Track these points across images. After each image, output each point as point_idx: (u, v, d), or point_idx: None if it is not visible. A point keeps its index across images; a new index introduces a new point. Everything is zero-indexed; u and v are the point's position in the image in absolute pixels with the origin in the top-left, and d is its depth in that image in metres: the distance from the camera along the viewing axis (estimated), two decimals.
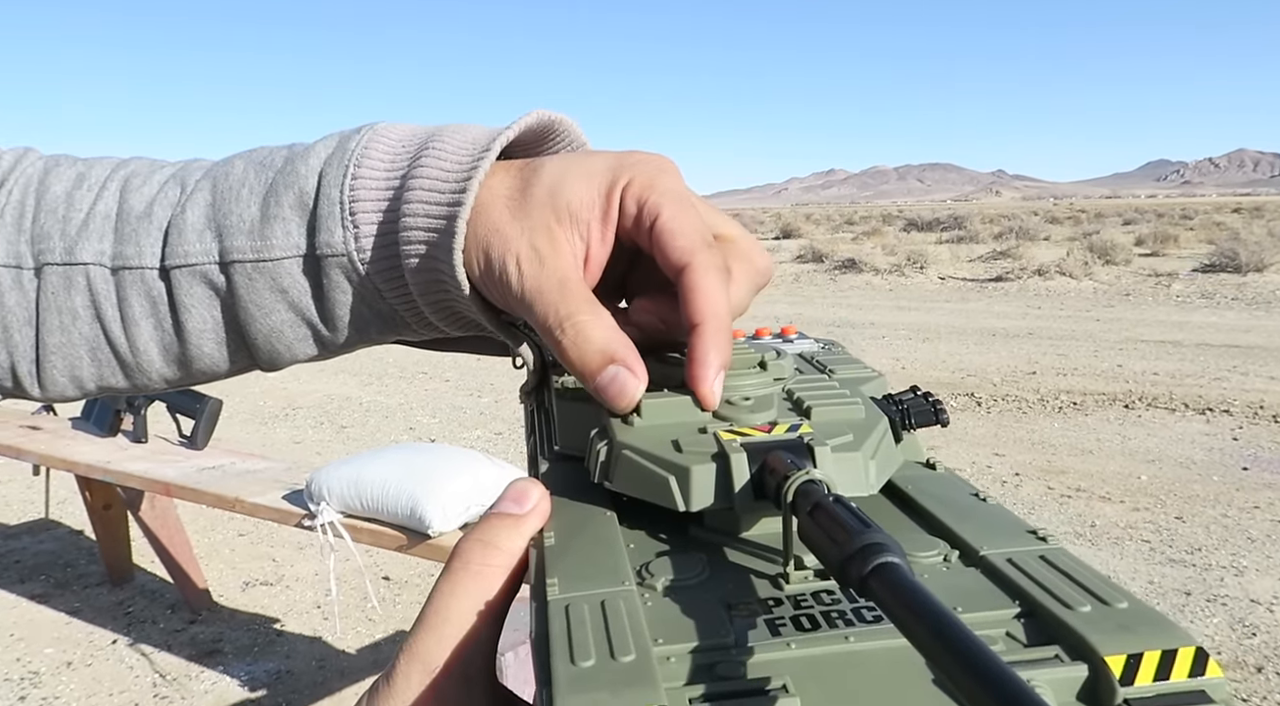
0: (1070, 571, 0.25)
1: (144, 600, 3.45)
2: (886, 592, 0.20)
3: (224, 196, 0.40)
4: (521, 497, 0.30)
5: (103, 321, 0.42)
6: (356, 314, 0.41)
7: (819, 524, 0.23)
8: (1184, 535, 3.83)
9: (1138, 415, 5.80)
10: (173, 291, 0.41)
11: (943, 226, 25.94)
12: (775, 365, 0.36)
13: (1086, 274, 13.33)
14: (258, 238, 0.40)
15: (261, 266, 0.40)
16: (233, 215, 0.40)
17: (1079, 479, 4.59)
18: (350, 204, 0.39)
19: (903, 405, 0.35)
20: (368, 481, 1.96)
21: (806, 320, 10.30)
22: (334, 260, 0.39)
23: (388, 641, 3.10)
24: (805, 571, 0.27)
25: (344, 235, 0.39)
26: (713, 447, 0.29)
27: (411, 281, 0.39)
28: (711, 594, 0.27)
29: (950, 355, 8.01)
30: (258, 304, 0.41)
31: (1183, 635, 0.22)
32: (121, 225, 0.42)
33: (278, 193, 0.40)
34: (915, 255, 15.35)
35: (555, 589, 0.26)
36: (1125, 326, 9.35)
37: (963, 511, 0.30)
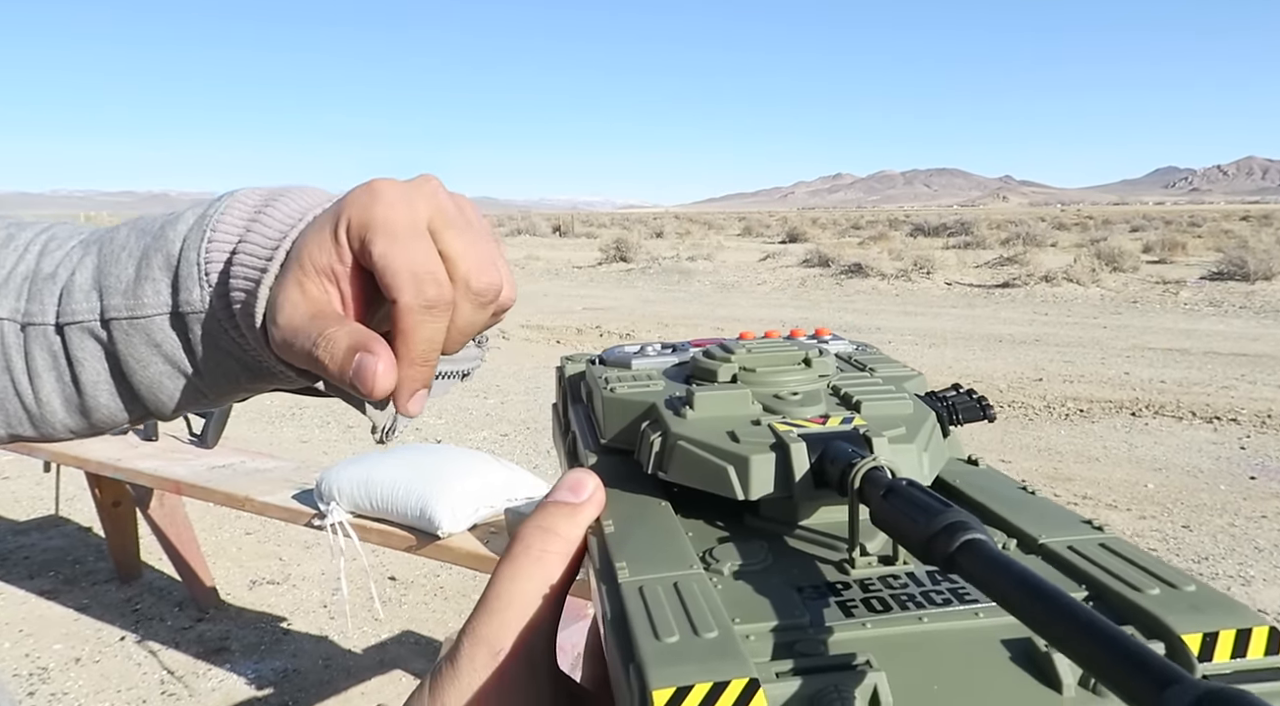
0: (1133, 557, 0.26)
1: (152, 597, 3.47)
2: (978, 566, 0.20)
3: (107, 259, 0.45)
4: (578, 487, 0.31)
5: (12, 373, 0.46)
6: (223, 364, 0.44)
7: (895, 506, 0.24)
8: (1191, 544, 3.82)
9: (1145, 423, 5.79)
10: (67, 346, 0.45)
11: (950, 232, 25.90)
12: (819, 362, 0.37)
13: (1094, 280, 13.30)
14: (131, 296, 0.43)
15: (136, 323, 0.44)
16: (112, 276, 0.44)
17: (1085, 486, 4.58)
18: (205, 264, 0.42)
19: (948, 401, 0.35)
20: (377, 481, 1.96)
21: (813, 324, 10.25)
22: (194, 316, 0.43)
23: (394, 641, 3.11)
24: (869, 557, 0.27)
25: (200, 294, 0.43)
26: (770, 438, 0.30)
27: (248, 335, 0.43)
28: (780, 577, 0.27)
29: (957, 361, 8.00)
30: (136, 357, 0.44)
31: (1255, 616, 0.22)
32: (33, 285, 0.46)
33: (149, 256, 0.44)
34: (922, 260, 15.33)
35: (625, 572, 0.26)
36: (1132, 334, 9.33)
37: (1014, 503, 0.30)
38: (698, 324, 10.44)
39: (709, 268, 17.54)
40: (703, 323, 10.57)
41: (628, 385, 0.36)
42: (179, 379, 0.45)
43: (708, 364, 0.36)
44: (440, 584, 3.54)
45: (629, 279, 16.47)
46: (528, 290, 14.75)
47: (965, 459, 0.35)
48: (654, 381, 0.37)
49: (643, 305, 12.41)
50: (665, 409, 0.33)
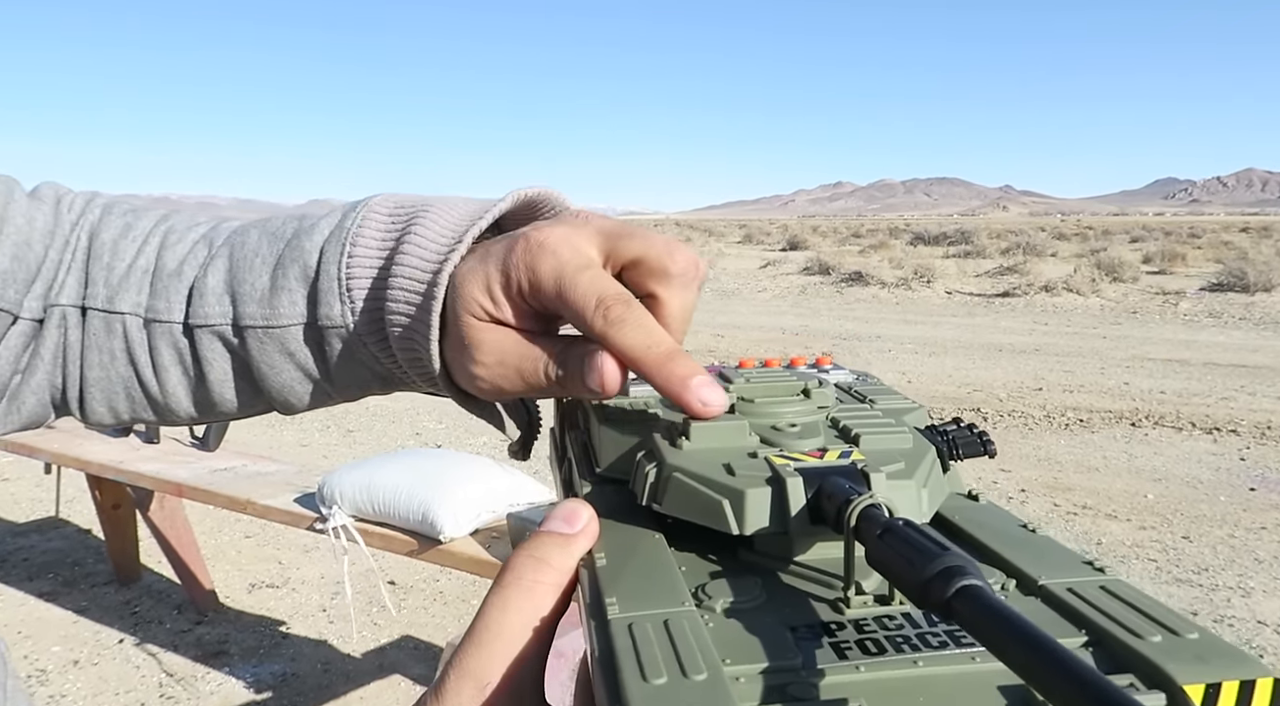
0: (1134, 602, 0.25)
1: (150, 600, 3.47)
2: (974, 613, 0.20)
3: (239, 264, 0.45)
4: (572, 518, 0.31)
5: (136, 365, 0.46)
6: (357, 375, 0.45)
7: (891, 547, 0.23)
8: (1191, 555, 3.82)
9: (1145, 433, 5.79)
10: (195, 346, 0.45)
11: (950, 241, 25.93)
12: (818, 393, 0.36)
13: (1094, 291, 13.31)
14: (267, 306, 0.44)
15: (271, 332, 0.44)
16: (246, 283, 0.44)
17: (1085, 496, 4.58)
18: (347, 280, 0.42)
19: (948, 436, 0.35)
20: (380, 486, 1.97)
21: (813, 332, 10.31)
22: (333, 330, 0.43)
23: (393, 646, 3.11)
24: (865, 596, 0.27)
25: (341, 309, 0.42)
26: (766, 472, 0.29)
27: (401, 359, 0.42)
28: (772, 616, 0.27)
29: (957, 370, 8.00)
30: (269, 363, 0.45)
31: (1260, 666, 0.22)
32: (156, 281, 0.46)
33: (285, 265, 0.43)
34: (922, 269, 15.35)
35: (615, 608, 0.26)
36: (1132, 344, 9.34)
37: (1014, 541, 0.30)
38: (697, 331, 10.45)
39: (709, 275, 17.55)
40: (702, 329, 10.58)
41: (624, 413, 0.36)
42: (309, 384, 0.46)
43: None
44: (440, 588, 3.53)
45: None
46: None
47: (966, 493, 0.35)
48: (650, 409, 0.37)
49: None
50: (661, 439, 0.33)
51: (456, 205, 0.43)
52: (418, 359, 0.41)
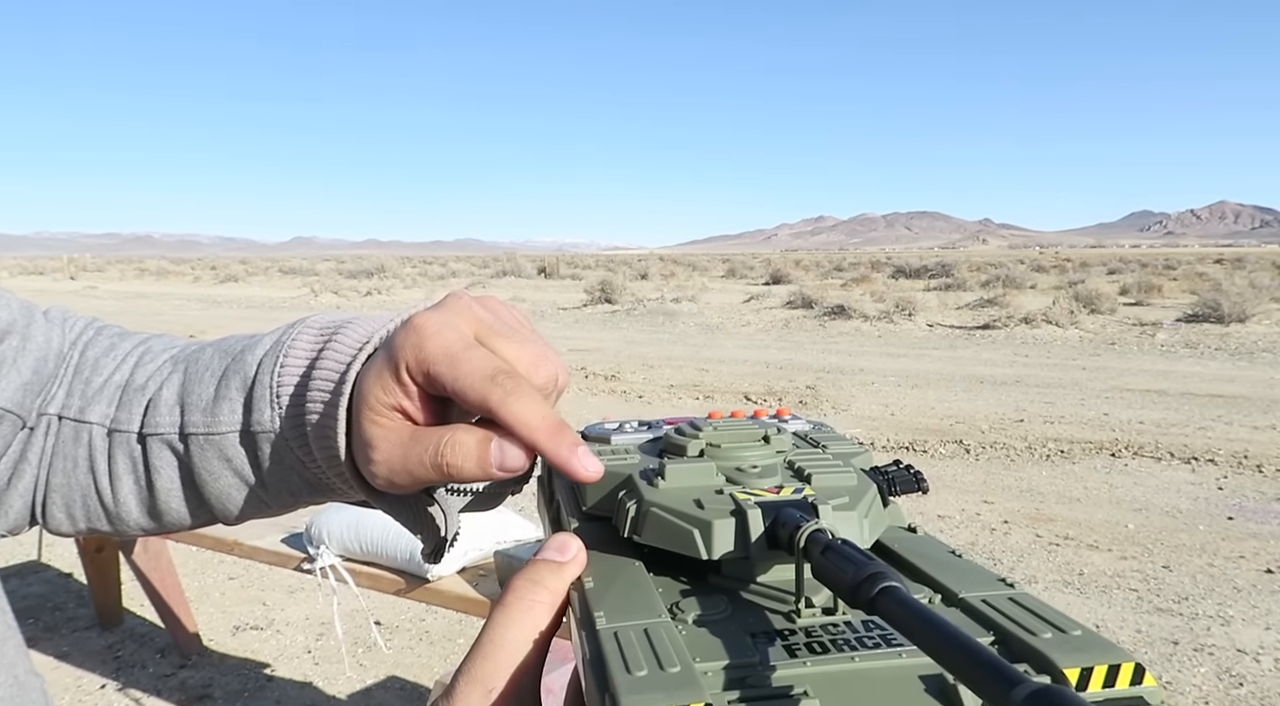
0: (1034, 608, 0.30)
1: (133, 644, 3.43)
2: (893, 608, 0.25)
3: (192, 378, 0.49)
4: (563, 548, 0.35)
5: (95, 473, 0.50)
6: (288, 480, 0.48)
7: (831, 561, 0.28)
8: (1171, 584, 3.86)
9: (1124, 463, 5.86)
10: (147, 455, 0.49)
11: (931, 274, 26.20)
12: (776, 439, 0.41)
13: (1072, 322, 13.48)
14: (210, 414, 0.47)
15: (211, 438, 0.47)
16: (194, 394, 0.48)
17: (1067, 527, 4.63)
18: (277, 387, 0.46)
19: (888, 475, 0.40)
20: (367, 525, 1.98)
21: (797, 366, 10.38)
22: (263, 435, 0.47)
23: (379, 686, 3.09)
24: (813, 608, 0.32)
25: (271, 415, 0.46)
26: (730, 505, 0.34)
27: (319, 457, 0.46)
28: (735, 625, 0.31)
29: (939, 402, 8.07)
30: (209, 470, 0.48)
31: (1124, 654, 0.27)
32: (124, 395, 0.50)
33: (228, 377, 0.48)
34: (904, 302, 15.50)
35: (602, 620, 0.30)
36: (1111, 375, 9.45)
37: (943, 565, 0.35)
38: (682, 365, 10.49)
39: (693, 309, 17.65)
40: (687, 364, 10.62)
41: (607, 458, 0.40)
42: (246, 490, 0.49)
43: (678, 440, 0.41)
44: (426, 628, 3.52)
45: (614, 320, 16.54)
46: None
47: (905, 526, 0.40)
48: (631, 455, 0.41)
49: (628, 346, 12.46)
50: (640, 479, 0.37)
51: (377, 318, 0.47)
52: (333, 456, 0.44)
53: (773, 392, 8.58)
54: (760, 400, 8.18)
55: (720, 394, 8.56)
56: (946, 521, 4.72)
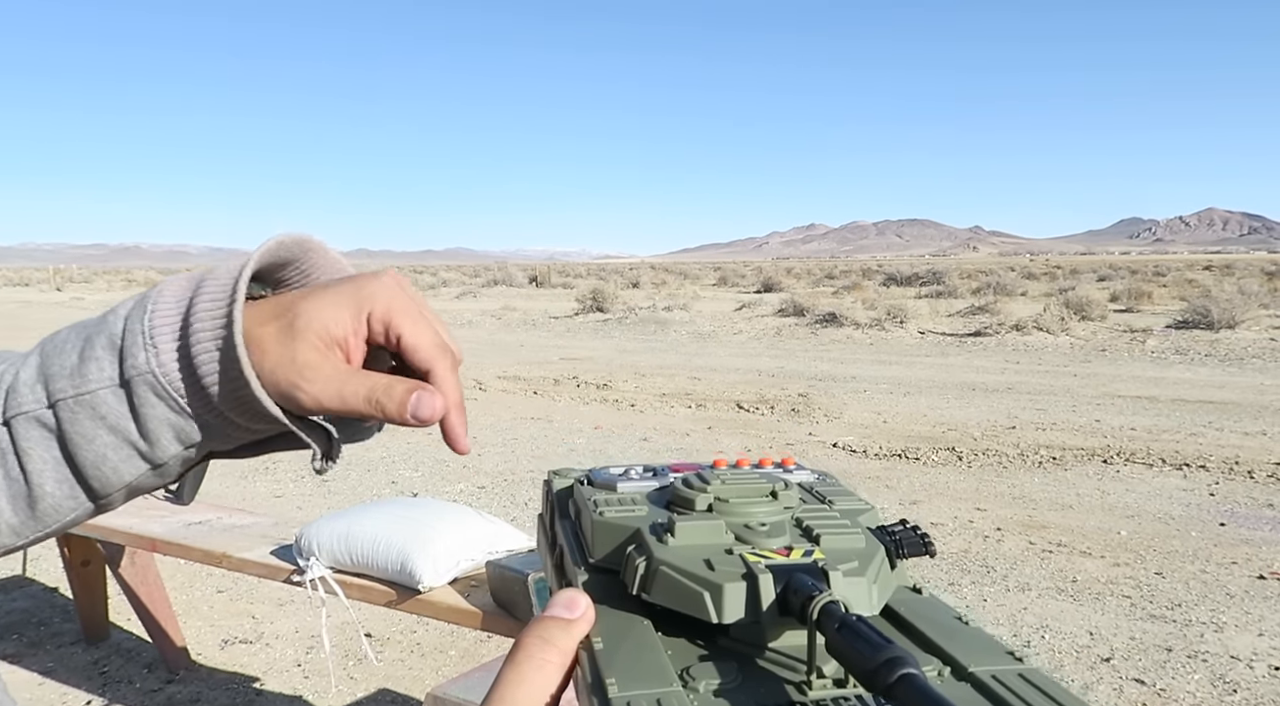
0: (1043, 687, 0.30)
1: (120, 659, 3.39)
2: (911, 696, 0.25)
3: (50, 354, 0.48)
4: (572, 605, 0.35)
5: None
6: (169, 425, 0.47)
7: (846, 639, 0.28)
8: (1164, 591, 3.86)
9: (1116, 470, 5.87)
10: (15, 439, 0.47)
11: (922, 281, 26.30)
12: (784, 495, 0.41)
13: (1063, 329, 13.54)
14: (76, 376, 0.46)
15: (81, 399, 0.46)
16: (55, 365, 0.47)
17: (1060, 534, 4.62)
18: (151, 331, 0.46)
19: (895, 536, 0.39)
20: (358, 536, 1.96)
21: (789, 374, 10.38)
22: (140, 378, 0.46)
23: (369, 700, 3.06)
24: (825, 680, 0.31)
25: (146, 357, 0.46)
26: (741, 568, 0.33)
27: (206, 382, 0.46)
28: (748, 696, 0.31)
29: (931, 409, 8.08)
30: (82, 434, 0.47)
31: None
32: None
33: (92, 340, 0.47)
34: (895, 310, 15.55)
35: (615, 688, 0.30)
36: (1102, 381, 9.49)
37: (950, 632, 0.34)
38: (674, 373, 10.49)
39: (685, 318, 17.66)
40: (679, 372, 10.62)
41: (615, 509, 0.40)
42: (125, 449, 0.47)
43: (686, 493, 0.41)
44: (417, 640, 3.49)
45: (606, 329, 16.54)
46: (504, 341, 14.75)
47: (911, 587, 0.40)
48: (639, 506, 0.41)
49: (620, 355, 12.45)
50: (649, 535, 0.37)
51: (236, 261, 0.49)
52: (233, 378, 0.45)
53: (765, 400, 8.58)
54: (753, 408, 8.18)
55: (712, 402, 8.56)
56: (940, 529, 4.71)
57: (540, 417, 7.91)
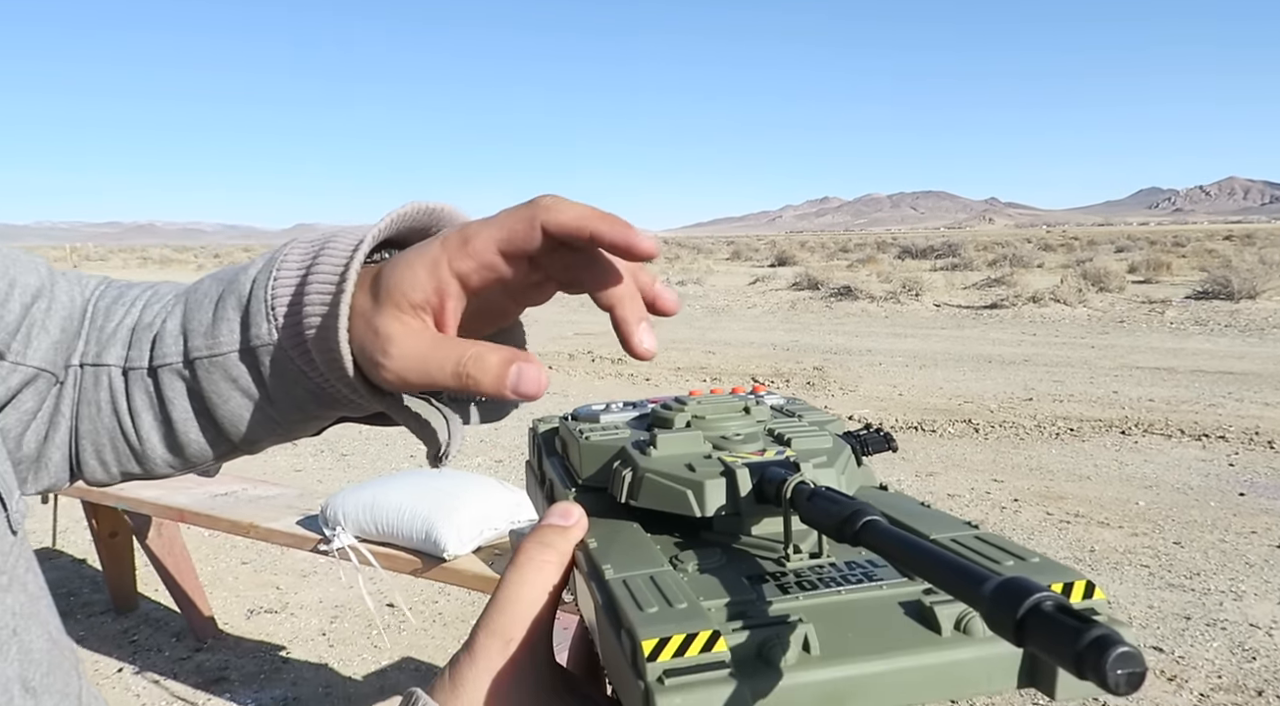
0: (997, 543, 0.34)
1: (149, 628, 3.46)
2: (876, 538, 0.28)
3: (192, 307, 0.50)
4: (566, 514, 0.38)
5: (118, 414, 0.51)
6: (293, 393, 0.48)
7: (817, 506, 0.32)
8: (1183, 560, 3.86)
9: (1134, 441, 5.85)
10: (160, 387, 0.50)
11: (937, 254, 26.12)
12: (757, 410, 0.45)
13: (1081, 301, 13.43)
14: (210, 337, 0.48)
15: (215, 360, 0.48)
16: (195, 320, 0.49)
17: (1077, 504, 4.62)
18: (273, 301, 0.47)
19: (860, 437, 0.44)
20: (383, 506, 1.99)
21: (803, 347, 10.36)
22: (263, 349, 0.47)
23: (393, 667, 3.11)
24: (801, 554, 0.35)
25: (268, 328, 0.47)
26: (719, 467, 0.37)
27: (319, 360, 0.46)
28: (732, 571, 0.34)
29: (947, 381, 8.06)
30: (217, 392, 0.48)
31: (1077, 574, 0.31)
32: (134, 334, 0.51)
33: (224, 300, 0.48)
34: (910, 282, 15.46)
35: (610, 571, 0.33)
36: (1120, 353, 9.42)
37: (915, 514, 0.38)
38: (689, 348, 10.49)
39: (699, 292, 17.63)
40: (694, 346, 10.62)
41: (600, 434, 0.44)
42: (256, 411, 0.49)
43: (665, 414, 0.44)
44: (439, 610, 3.54)
45: None
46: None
47: (877, 485, 0.43)
48: (621, 430, 0.45)
49: None
50: (633, 450, 0.40)
51: (362, 227, 0.48)
52: (334, 358, 0.44)
53: (780, 374, 8.58)
54: (768, 381, 8.18)
55: (727, 376, 8.56)
56: (956, 500, 4.72)
57: (556, 392, 7.94)
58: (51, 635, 0.42)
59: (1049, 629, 0.20)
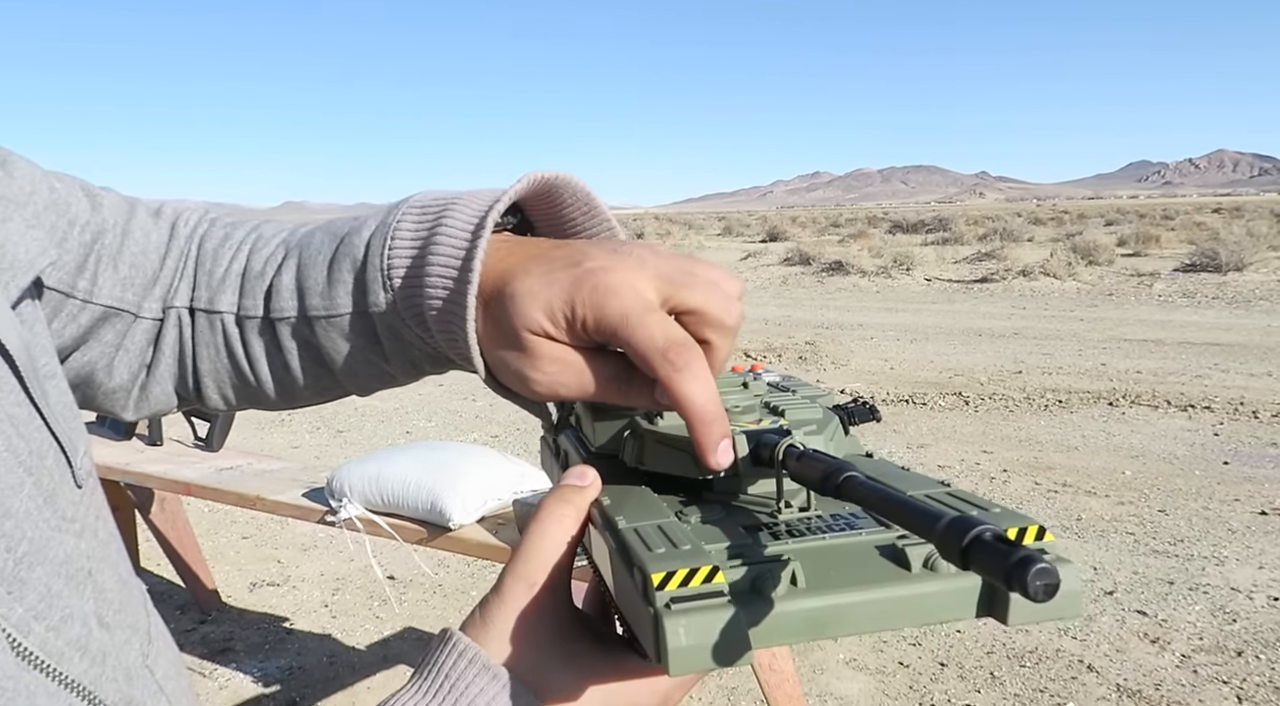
0: (964, 497, 0.38)
1: (153, 601, 3.49)
2: (854, 490, 0.33)
3: (305, 263, 0.51)
4: (583, 475, 0.42)
5: (234, 357, 0.54)
6: (410, 355, 0.51)
7: (804, 465, 0.36)
8: (1167, 527, 3.95)
9: (1122, 412, 5.93)
10: (277, 337, 0.52)
11: (928, 228, 26.14)
12: (754, 385, 0.50)
13: (1070, 274, 13.51)
14: (327, 297, 0.50)
15: (332, 320, 0.50)
16: (310, 278, 0.51)
17: (1065, 474, 4.71)
18: (388, 269, 0.48)
19: (847, 409, 0.48)
20: (388, 478, 2.03)
21: (795, 322, 10.42)
22: (380, 316, 0.49)
23: (396, 637, 3.17)
24: (791, 508, 0.40)
25: (385, 297, 0.48)
26: None
27: (441, 342, 0.48)
28: (730, 522, 0.39)
29: (938, 355, 8.13)
30: (334, 348, 0.51)
31: (1030, 520, 0.35)
32: (245, 282, 0.53)
33: (339, 260, 0.50)
34: (901, 257, 15.50)
35: (622, 521, 0.38)
36: (1109, 325, 9.51)
37: (894, 476, 0.42)
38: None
39: None
40: None
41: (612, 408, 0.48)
42: (372, 366, 0.52)
43: None
44: (439, 582, 3.60)
45: None
46: None
47: (864, 453, 0.48)
48: None
49: None
50: (642, 418, 0.44)
51: (480, 196, 0.48)
52: (456, 344, 0.46)
53: (772, 349, 8.63)
54: (760, 356, 8.23)
55: None
56: (946, 471, 4.79)
57: None
58: (121, 576, 0.44)
59: (986, 553, 0.25)
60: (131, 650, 0.42)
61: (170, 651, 0.47)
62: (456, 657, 0.38)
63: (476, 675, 0.38)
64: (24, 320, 0.42)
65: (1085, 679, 2.77)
